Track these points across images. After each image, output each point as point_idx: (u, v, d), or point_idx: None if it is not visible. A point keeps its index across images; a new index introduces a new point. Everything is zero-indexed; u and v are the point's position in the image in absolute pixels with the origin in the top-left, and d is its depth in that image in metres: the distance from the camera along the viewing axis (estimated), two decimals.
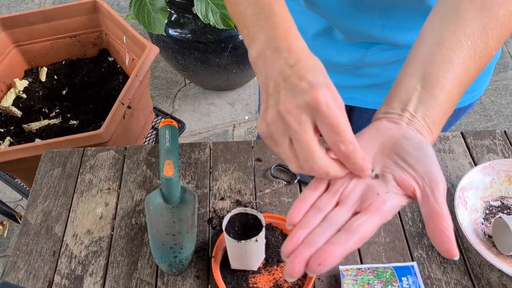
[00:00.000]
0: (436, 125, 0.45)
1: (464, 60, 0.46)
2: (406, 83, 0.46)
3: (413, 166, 0.41)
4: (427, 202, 0.39)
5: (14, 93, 1.37)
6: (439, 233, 0.38)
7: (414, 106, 0.45)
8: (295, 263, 0.37)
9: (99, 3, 1.36)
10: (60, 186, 0.81)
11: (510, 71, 2.27)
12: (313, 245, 0.38)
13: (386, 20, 0.70)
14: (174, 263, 0.67)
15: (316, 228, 0.39)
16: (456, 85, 0.45)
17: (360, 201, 0.41)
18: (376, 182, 0.42)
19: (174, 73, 2.34)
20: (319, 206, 0.41)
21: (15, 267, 0.70)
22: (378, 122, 0.46)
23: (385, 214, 0.40)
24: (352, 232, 0.38)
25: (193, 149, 0.86)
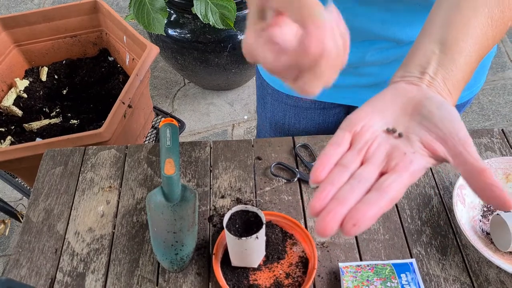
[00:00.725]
0: (456, 89, 0.44)
1: (482, 26, 0.45)
2: (425, 47, 0.45)
3: (438, 125, 0.40)
4: (463, 160, 0.38)
5: (15, 92, 1.37)
6: (490, 188, 0.36)
7: (433, 69, 0.44)
8: (328, 220, 0.35)
9: (99, 3, 1.37)
10: (61, 184, 0.81)
11: (507, 70, 2.28)
12: (344, 202, 0.36)
13: (385, 13, 0.70)
14: (175, 260, 0.68)
15: (344, 186, 0.37)
16: (475, 50, 0.45)
17: (387, 160, 0.39)
18: (401, 142, 0.40)
19: (174, 73, 2.34)
20: (344, 164, 0.39)
21: (18, 264, 0.71)
22: (396, 84, 0.44)
23: (413, 173, 0.38)
24: (383, 191, 0.36)
25: (194, 148, 0.86)
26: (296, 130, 0.99)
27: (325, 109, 0.94)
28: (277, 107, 0.97)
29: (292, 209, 0.76)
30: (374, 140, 0.40)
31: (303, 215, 0.76)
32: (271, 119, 1.01)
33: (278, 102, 0.95)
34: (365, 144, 0.40)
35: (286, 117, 0.98)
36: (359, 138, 0.41)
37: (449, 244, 0.72)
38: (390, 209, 0.75)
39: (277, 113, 0.98)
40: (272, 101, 0.96)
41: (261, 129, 1.10)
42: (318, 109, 0.94)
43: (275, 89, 0.93)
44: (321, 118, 0.96)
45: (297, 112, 0.95)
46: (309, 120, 0.97)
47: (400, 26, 0.71)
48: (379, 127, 0.41)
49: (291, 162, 0.83)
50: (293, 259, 0.70)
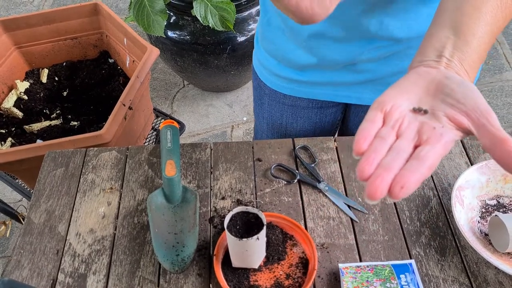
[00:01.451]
0: (472, 69, 0.47)
1: (492, 9, 0.48)
2: (438, 33, 0.48)
3: (461, 101, 0.42)
4: (486, 131, 0.40)
5: (16, 94, 1.38)
6: (510, 155, 0.38)
7: (449, 52, 0.46)
8: (377, 183, 0.37)
9: (100, 5, 1.37)
10: (63, 186, 0.82)
11: (505, 72, 2.29)
12: (390, 169, 0.39)
13: (383, 14, 0.71)
14: (176, 261, 0.68)
15: (386, 157, 0.40)
16: (487, 31, 0.47)
17: (418, 135, 0.42)
18: (429, 119, 0.43)
19: (173, 74, 2.35)
20: (383, 136, 0.42)
21: (19, 265, 0.71)
22: (416, 69, 0.47)
23: (445, 144, 0.40)
24: (422, 160, 0.39)
25: (194, 149, 0.87)
26: (293, 130, 1.00)
27: (322, 108, 0.95)
28: (274, 107, 0.98)
29: (292, 210, 0.77)
30: (403, 118, 0.43)
31: (303, 216, 0.76)
32: (268, 119, 1.02)
33: (275, 102, 0.96)
34: (396, 122, 0.43)
35: (283, 117, 0.98)
36: (390, 116, 0.43)
37: (448, 245, 0.72)
38: (390, 210, 0.76)
39: (274, 113, 0.99)
40: (269, 101, 0.97)
41: (258, 130, 1.11)
42: (315, 108, 0.94)
43: (272, 89, 0.94)
44: (318, 117, 0.97)
45: (294, 112, 0.96)
46: (306, 119, 0.97)
47: (397, 25, 0.72)
48: (406, 106, 0.44)
49: (291, 163, 0.84)
50: (293, 260, 0.70)
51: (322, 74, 0.85)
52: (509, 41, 2.44)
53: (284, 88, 0.91)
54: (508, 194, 0.77)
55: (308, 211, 0.77)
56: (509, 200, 0.77)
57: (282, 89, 0.92)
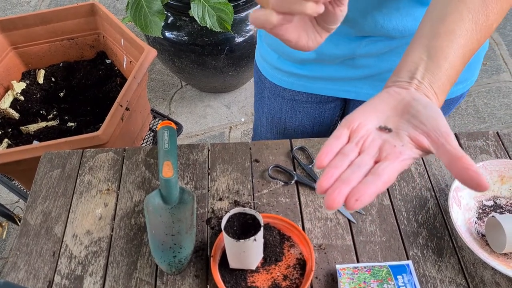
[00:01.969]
0: (441, 91, 0.49)
1: (466, 32, 0.50)
2: (413, 55, 0.51)
3: (424, 122, 0.45)
4: (444, 150, 0.43)
5: (12, 95, 1.37)
6: (465, 171, 0.41)
7: (421, 74, 0.49)
8: (335, 195, 0.40)
9: (97, 6, 1.37)
10: (59, 187, 0.81)
11: (502, 73, 2.30)
12: (347, 182, 0.41)
13: (376, 12, 0.72)
14: (174, 262, 0.68)
15: (346, 170, 0.43)
16: (459, 54, 0.50)
17: (379, 152, 0.45)
18: (392, 137, 0.46)
19: (171, 75, 2.35)
20: (345, 153, 0.45)
21: (15, 267, 0.71)
22: (389, 88, 0.50)
23: (403, 161, 0.43)
24: (379, 174, 0.42)
25: (192, 150, 0.87)
26: (292, 124, 1.01)
27: (321, 103, 0.96)
28: (274, 101, 0.99)
29: (290, 211, 0.77)
30: (368, 135, 0.46)
31: (300, 217, 0.76)
32: (268, 114, 1.03)
33: (275, 96, 0.97)
34: (361, 138, 0.46)
35: (282, 111, 1.00)
36: (356, 133, 0.46)
37: (445, 246, 0.72)
38: (387, 211, 0.76)
39: (274, 107, 1.00)
40: (270, 95, 0.98)
41: (257, 125, 1.12)
42: (314, 102, 0.95)
43: (272, 83, 0.95)
44: (317, 112, 0.98)
45: (293, 106, 0.97)
46: (305, 114, 0.98)
47: (392, 24, 0.73)
48: (373, 124, 0.47)
49: (289, 164, 0.84)
50: (290, 261, 0.70)
51: (321, 68, 0.86)
52: (506, 42, 2.44)
53: (284, 81, 0.93)
54: (505, 195, 0.77)
55: (306, 212, 0.77)
56: (506, 201, 0.77)
57: (282, 82, 0.93)
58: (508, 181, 0.77)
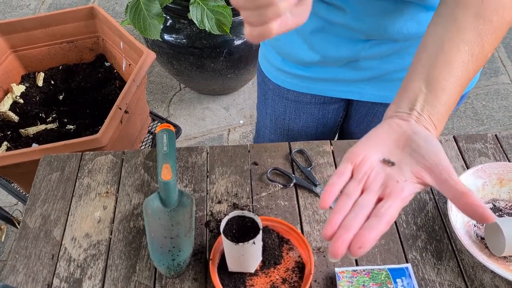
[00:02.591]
0: (440, 122, 0.51)
1: (463, 63, 0.52)
2: (413, 85, 0.53)
3: (425, 157, 0.47)
4: (448, 185, 0.45)
5: (11, 98, 1.37)
6: (473, 207, 0.43)
7: (420, 106, 0.51)
8: (338, 245, 0.42)
9: (96, 9, 1.37)
10: (58, 190, 0.81)
11: (501, 76, 2.31)
12: (350, 229, 0.43)
13: (379, 16, 0.72)
14: (172, 265, 0.68)
15: (349, 214, 0.45)
16: (456, 86, 0.52)
17: (383, 188, 0.47)
18: (395, 172, 0.48)
19: (169, 77, 2.35)
20: (348, 193, 0.47)
21: (14, 270, 0.71)
22: (390, 120, 0.52)
23: (404, 198, 0.46)
24: (381, 216, 0.44)
25: (190, 153, 0.87)
26: (296, 125, 1.01)
27: (325, 104, 0.96)
28: (278, 102, 0.99)
29: (289, 214, 0.77)
30: (372, 170, 0.48)
31: (299, 220, 0.76)
32: (271, 115, 1.04)
33: (279, 97, 0.98)
34: (365, 174, 0.48)
35: (286, 113, 1.00)
36: (359, 168, 0.48)
37: (444, 249, 0.72)
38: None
39: (278, 109, 1.00)
40: (273, 96, 0.99)
41: (261, 127, 1.12)
42: (318, 104, 0.96)
43: (276, 84, 0.95)
44: (321, 113, 0.98)
45: (297, 107, 0.98)
46: (309, 115, 0.99)
47: (395, 28, 0.73)
48: (376, 158, 0.49)
49: (287, 167, 0.84)
50: (289, 264, 0.70)
51: (325, 70, 0.87)
52: (505, 45, 2.45)
53: (288, 83, 0.93)
54: (504, 198, 0.78)
55: (305, 215, 0.77)
56: (505, 204, 0.77)
57: (286, 84, 0.94)
58: (507, 184, 0.77)
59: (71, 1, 2.85)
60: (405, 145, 0.49)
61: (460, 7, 0.54)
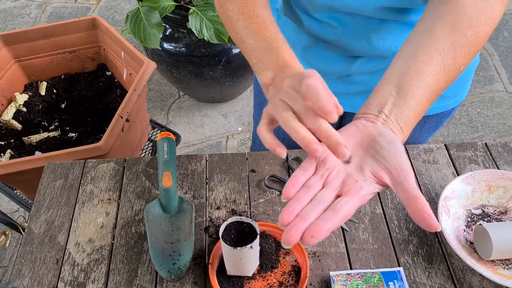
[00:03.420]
0: (407, 126, 0.52)
1: (434, 72, 0.53)
2: (384, 89, 0.54)
3: (386, 158, 0.48)
4: (402, 188, 0.46)
5: (15, 106, 1.40)
6: (420, 212, 0.44)
7: (389, 109, 0.52)
8: (292, 232, 0.43)
9: (98, 20, 1.40)
10: (62, 196, 0.84)
11: (495, 83, 2.34)
12: (306, 219, 0.44)
13: (369, 33, 0.75)
14: (173, 269, 0.70)
15: (307, 205, 0.46)
16: (426, 93, 0.53)
17: (342, 185, 0.48)
18: (355, 171, 0.49)
19: (168, 85, 2.38)
20: (310, 186, 0.48)
21: (20, 274, 0.73)
22: (357, 121, 0.53)
23: (362, 197, 0.47)
24: (337, 211, 0.45)
25: (190, 161, 0.89)
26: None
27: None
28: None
29: None
30: (333, 168, 0.50)
31: None
32: None
33: None
34: (327, 171, 0.49)
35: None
36: (322, 165, 0.50)
37: (435, 253, 0.75)
38: (379, 219, 0.79)
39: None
40: None
41: (257, 137, 1.14)
42: None
43: None
44: None
45: None
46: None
47: (385, 45, 0.76)
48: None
49: (284, 174, 0.86)
50: (286, 268, 0.73)
51: None
52: (499, 53, 2.49)
53: None
54: (493, 204, 0.80)
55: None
56: (493, 210, 0.80)
57: None
58: (496, 191, 0.80)
59: (72, 10, 2.88)
60: (368, 146, 0.50)
61: (437, 20, 0.56)
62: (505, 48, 2.51)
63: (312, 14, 0.77)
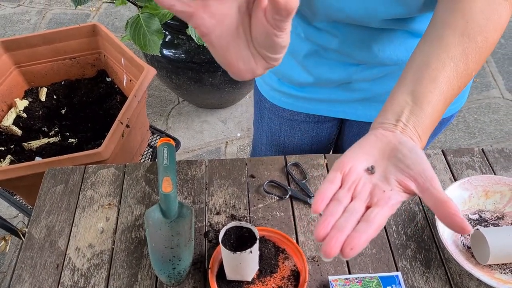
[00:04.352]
0: (424, 133, 0.53)
1: (448, 79, 0.54)
2: (399, 98, 0.54)
3: (410, 166, 0.49)
4: (430, 194, 0.47)
5: (15, 112, 1.41)
6: (452, 217, 0.45)
7: (406, 117, 0.52)
8: (332, 244, 0.44)
9: (98, 27, 1.41)
10: (62, 202, 0.84)
11: (492, 90, 2.36)
12: (343, 230, 0.45)
13: (371, 42, 0.76)
14: (173, 274, 0.71)
15: (340, 218, 0.47)
16: (441, 100, 0.54)
17: (370, 197, 0.49)
18: (381, 181, 0.50)
19: (168, 91, 2.39)
20: (339, 199, 0.48)
21: (20, 279, 0.74)
22: (376, 131, 0.53)
23: (391, 207, 0.47)
24: (371, 222, 0.45)
25: (190, 166, 0.90)
26: (291, 143, 1.05)
27: (319, 123, 0.99)
28: (273, 120, 1.02)
29: (284, 225, 0.80)
30: (360, 179, 0.50)
31: (294, 230, 0.79)
32: (267, 133, 1.07)
33: (275, 115, 1.01)
34: (353, 183, 0.50)
35: (282, 130, 1.03)
36: (348, 177, 0.50)
37: (433, 257, 0.75)
38: None
39: (273, 126, 1.04)
40: (269, 114, 1.02)
41: (257, 143, 1.15)
42: (312, 122, 0.99)
43: (272, 103, 0.99)
44: (315, 131, 1.01)
45: (292, 125, 1.01)
46: (303, 133, 1.02)
47: (386, 54, 0.77)
48: (363, 168, 0.51)
49: (283, 180, 0.87)
50: (285, 273, 0.73)
51: (319, 91, 0.90)
52: (496, 59, 2.51)
53: (283, 102, 0.96)
54: (490, 209, 0.81)
55: (300, 226, 0.80)
56: (490, 215, 0.81)
57: (282, 103, 0.97)
58: (492, 196, 0.81)
59: (71, 17, 2.90)
60: (390, 155, 0.50)
61: (446, 28, 0.56)
62: (502, 55, 2.53)
63: (313, 23, 0.78)
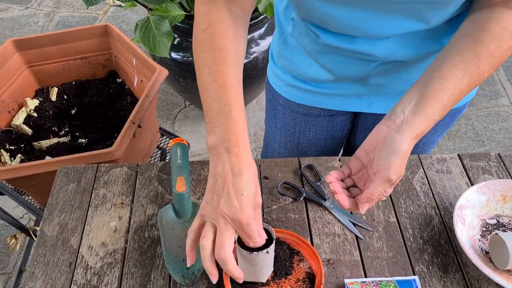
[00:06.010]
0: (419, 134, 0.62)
1: (456, 76, 0.61)
2: (409, 94, 0.64)
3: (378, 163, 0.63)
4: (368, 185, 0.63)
5: (26, 111, 1.41)
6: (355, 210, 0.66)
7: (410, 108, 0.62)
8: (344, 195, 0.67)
9: (111, 27, 1.42)
10: (75, 200, 0.84)
11: (501, 98, 2.35)
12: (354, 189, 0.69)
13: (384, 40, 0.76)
14: (187, 274, 0.70)
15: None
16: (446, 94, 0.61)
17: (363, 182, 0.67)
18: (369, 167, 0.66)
19: (174, 95, 2.39)
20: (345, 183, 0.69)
21: (33, 277, 0.73)
22: (379, 125, 0.65)
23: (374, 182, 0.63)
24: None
25: (203, 167, 0.89)
26: (306, 138, 1.04)
27: (333, 116, 1.00)
28: (288, 116, 1.02)
29: (299, 227, 0.79)
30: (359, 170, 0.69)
31: (309, 232, 0.79)
32: (281, 129, 1.07)
33: (290, 111, 1.01)
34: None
35: (296, 126, 1.03)
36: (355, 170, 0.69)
37: (450, 262, 0.74)
38: (393, 228, 0.78)
39: (288, 122, 1.03)
40: (284, 110, 1.02)
41: (270, 141, 1.14)
42: (326, 116, 0.99)
43: (286, 99, 0.99)
44: (329, 125, 1.02)
45: (307, 120, 1.01)
46: (318, 127, 1.02)
47: (400, 52, 0.76)
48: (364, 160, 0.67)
49: (297, 181, 0.86)
50: (300, 275, 0.72)
51: (336, 86, 0.90)
52: (504, 68, 2.50)
53: (298, 98, 0.96)
54: (507, 214, 0.80)
55: (314, 228, 0.79)
56: (508, 220, 0.80)
57: (297, 98, 0.97)
58: (510, 201, 0.80)
59: (79, 19, 2.91)
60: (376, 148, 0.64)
61: (463, 36, 0.63)
62: (510, 63, 2.53)
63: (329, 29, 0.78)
